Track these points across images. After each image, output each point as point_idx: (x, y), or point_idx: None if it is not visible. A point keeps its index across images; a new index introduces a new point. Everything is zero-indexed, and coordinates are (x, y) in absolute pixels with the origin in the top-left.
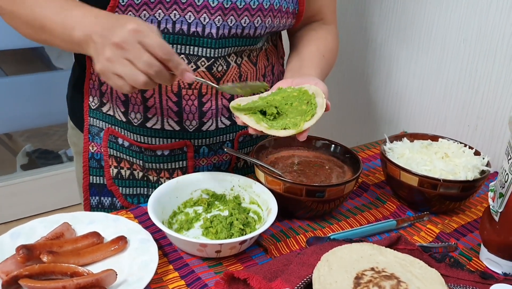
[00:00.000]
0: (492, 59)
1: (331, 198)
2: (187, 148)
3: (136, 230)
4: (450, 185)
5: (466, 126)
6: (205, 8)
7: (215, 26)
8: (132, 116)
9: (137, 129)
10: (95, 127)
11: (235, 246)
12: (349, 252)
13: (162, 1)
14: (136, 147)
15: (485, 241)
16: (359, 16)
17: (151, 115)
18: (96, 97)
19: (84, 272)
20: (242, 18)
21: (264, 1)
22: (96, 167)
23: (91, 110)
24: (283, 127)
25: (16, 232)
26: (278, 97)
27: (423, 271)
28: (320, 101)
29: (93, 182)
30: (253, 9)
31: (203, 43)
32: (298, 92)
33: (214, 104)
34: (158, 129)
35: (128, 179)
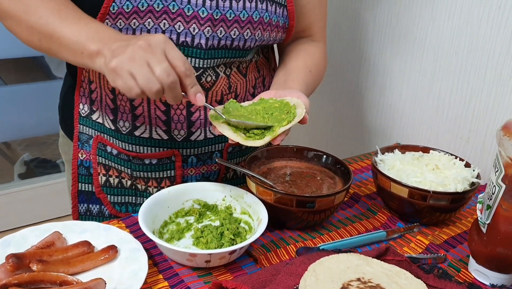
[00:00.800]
0: (483, 72)
1: (322, 209)
2: (175, 157)
3: (127, 240)
4: (439, 196)
5: (459, 139)
6: (195, 18)
7: (205, 36)
8: (120, 125)
9: (126, 138)
10: (84, 134)
11: (224, 256)
12: (336, 262)
13: (152, 11)
14: (124, 155)
15: (473, 253)
16: (353, 30)
17: (140, 124)
18: (86, 105)
19: (73, 280)
20: (231, 30)
21: (254, 14)
22: (85, 174)
23: (81, 118)
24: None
25: (7, 240)
26: (259, 107)
27: (408, 282)
28: (299, 112)
29: (81, 189)
30: (242, 21)
31: (192, 53)
32: (280, 103)
33: (203, 114)
34: (146, 138)
35: (117, 187)
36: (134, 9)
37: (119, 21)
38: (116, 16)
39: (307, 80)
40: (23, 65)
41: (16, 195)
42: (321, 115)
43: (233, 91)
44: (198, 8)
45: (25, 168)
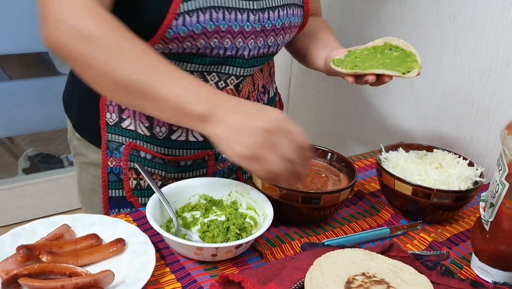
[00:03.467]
0: (487, 72)
1: (326, 205)
2: (208, 156)
3: (135, 233)
4: (443, 194)
5: (462, 138)
6: (241, 33)
7: (248, 48)
8: (157, 130)
9: (162, 143)
10: (114, 142)
11: (230, 250)
12: (341, 257)
13: (205, 32)
14: (159, 159)
15: (476, 250)
16: (358, 31)
17: (176, 128)
18: (114, 114)
19: (82, 272)
20: (268, 38)
21: (285, 21)
22: (115, 180)
23: (109, 127)
24: (406, 71)
25: (17, 232)
26: (353, 57)
27: (412, 277)
28: (401, 42)
29: (112, 196)
30: (278, 29)
31: (235, 63)
32: (369, 50)
33: None
34: (182, 141)
35: (147, 189)
36: (189, 33)
37: (172, 44)
38: (171, 41)
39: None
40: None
41: (20, 190)
42: (325, 114)
43: (256, 88)
44: (243, 23)
45: (29, 163)
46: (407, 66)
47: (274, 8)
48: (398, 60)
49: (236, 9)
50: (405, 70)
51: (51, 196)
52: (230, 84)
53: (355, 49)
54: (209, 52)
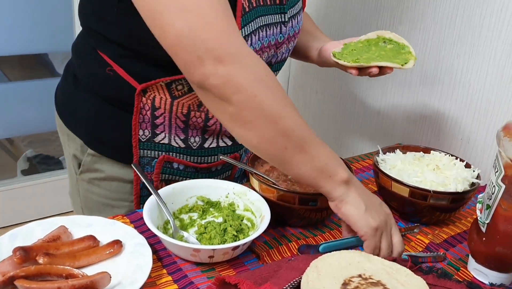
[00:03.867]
0: (484, 74)
1: (324, 207)
2: (235, 159)
3: (132, 234)
4: (440, 196)
5: (459, 140)
6: (275, 45)
7: (276, 57)
8: (191, 141)
9: (196, 152)
10: (145, 158)
11: (227, 252)
12: (338, 259)
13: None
14: (191, 168)
15: (473, 252)
16: (356, 32)
17: (208, 136)
18: (147, 130)
19: (79, 274)
20: (290, 44)
21: (300, 26)
22: (146, 195)
23: (141, 143)
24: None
25: (14, 233)
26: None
27: (409, 279)
28: (393, 35)
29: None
30: (297, 34)
31: None
32: (362, 42)
33: None
34: (214, 147)
35: None
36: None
37: None
38: None
39: None
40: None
41: (19, 191)
42: (323, 115)
43: None
44: (278, 36)
45: (28, 164)
46: (403, 58)
47: (294, 16)
48: (393, 52)
49: (274, 23)
50: (402, 62)
51: (50, 197)
52: None
53: (350, 42)
54: None
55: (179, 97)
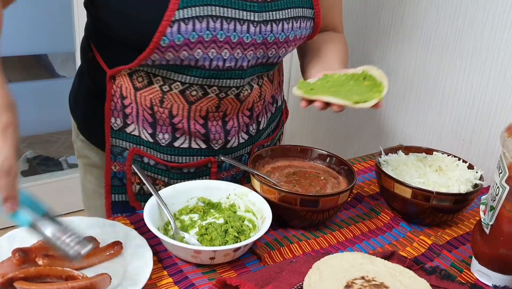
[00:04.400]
0: (486, 75)
1: (325, 208)
2: (211, 164)
3: (132, 236)
4: (442, 197)
5: (461, 141)
6: (239, 44)
7: (247, 60)
8: (160, 137)
9: (165, 149)
10: (117, 147)
11: (229, 253)
12: (340, 261)
13: (202, 41)
14: (162, 165)
15: (476, 253)
16: (357, 32)
17: (179, 135)
18: (118, 118)
19: (78, 275)
20: (269, 50)
21: (290, 34)
22: (118, 185)
23: (113, 132)
24: (363, 101)
25: (13, 235)
26: (327, 82)
27: (412, 281)
28: (377, 73)
29: (115, 200)
30: (280, 42)
31: (234, 75)
32: (346, 76)
33: (236, 122)
34: (185, 148)
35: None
36: (185, 41)
37: (168, 53)
38: (166, 49)
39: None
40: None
41: None
42: (324, 116)
43: (263, 98)
44: (243, 34)
45: (28, 165)
46: (367, 96)
47: (277, 21)
48: (365, 89)
49: (236, 19)
50: (361, 100)
51: (50, 198)
52: (231, 94)
53: (332, 74)
54: (208, 65)
55: (141, 89)
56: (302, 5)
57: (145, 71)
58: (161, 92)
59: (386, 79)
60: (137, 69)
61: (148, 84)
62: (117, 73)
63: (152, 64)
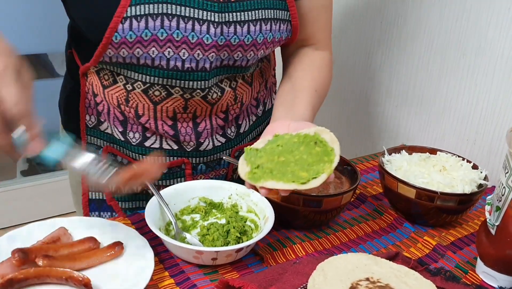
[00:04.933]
0: (491, 74)
1: (328, 208)
2: (185, 165)
3: (133, 236)
4: (447, 197)
5: (465, 141)
6: (199, 45)
7: (209, 61)
8: (130, 136)
9: (136, 148)
10: (93, 145)
11: (231, 254)
12: (345, 262)
13: (156, 40)
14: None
15: (482, 255)
16: (360, 31)
17: (150, 135)
18: (93, 116)
19: (79, 276)
20: (235, 53)
21: (258, 37)
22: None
23: (88, 129)
24: (312, 177)
25: (13, 235)
26: (278, 146)
27: (418, 283)
28: (328, 137)
29: (92, 198)
30: (247, 45)
31: (197, 77)
32: (298, 137)
33: (209, 124)
34: (156, 148)
35: (127, 194)
36: (138, 39)
37: (122, 50)
38: (119, 45)
39: (313, 102)
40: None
41: (18, 192)
42: (326, 115)
43: (239, 101)
44: (202, 35)
45: (28, 165)
46: (316, 169)
47: (242, 23)
48: (315, 158)
49: (194, 19)
50: (310, 176)
51: (50, 198)
52: (196, 96)
53: (284, 135)
54: (165, 64)
55: (108, 87)
56: (274, 6)
57: (109, 69)
58: (125, 91)
59: (337, 145)
60: (102, 67)
61: (113, 82)
62: (87, 70)
63: (110, 62)
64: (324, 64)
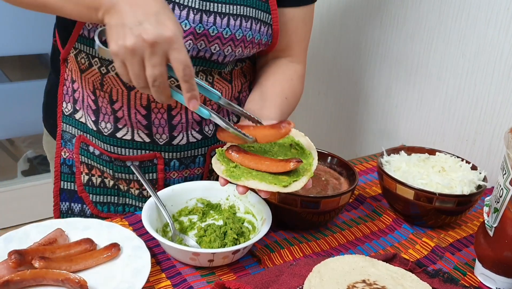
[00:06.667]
0: (490, 74)
1: (326, 210)
2: (157, 160)
3: (130, 237)
4: (445, 199)
5: (465, 141)
6: (192, 34)
7: (196, 49)
8: (102, 126)
9: (107, 139)
10: (67, 133)
11: (228, 256)
12: (341, 264)
13: None
14: (106, 156)
15: (480, 256)
16: (360, 31)
17: (122, 126)
18: (69, 103)
19: (75, 278)
20: (212, 45)
21: (237, 32)
22: (67, 172)
23: (64, 116)
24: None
25: (10, 236)
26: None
27: (414, 285)
28: (305, 141)
29: (64, 188)
30: (224, 38)
31: None
32: None
33: (184, 118)
34: (128, 140)
35: (99, 187)
36: None
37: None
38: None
39: (282, 107)
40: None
41: (19, 192)
42: (325, 116)
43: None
44: (181, 20)
45: (28, 165)
46: (295, 173)
47: (222, 15)
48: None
49: (175, 2)
50: (290, 180)
51: (50, 198)
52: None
53: None
54: None
55: (84, 71)
56: (257, 6)
57: (85, 52)
58: (100, 74)
59: (315, 150)
60: (80, 50)
61: (89, 66)
62: (67, 55)
63: (88, 37)
64: (296, 77)
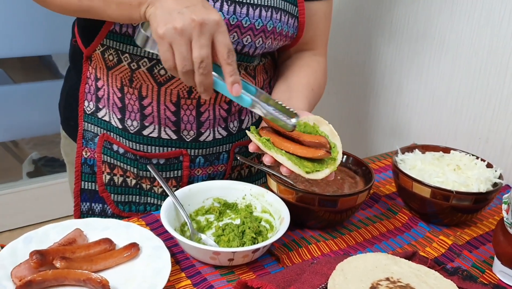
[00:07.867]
0: (504, 72)
1: (344, 208)
2: (183, 157)
3: (149, 237)
4: (462, 197)
5: (477, 139)
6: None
7: None
8: (128, 124)
9: (133, 137)
10: (89, 132)
11: (248, 255)
12: (364, 262)
13: None
14: (131, 154)
15: (499, 254)
16: (370, 30)
17: (148, 124)
18: (92, 102)
19: (97, 278)
20: (244, 37)
21: (268, 23)
22: (88, 172)
23: (86, 115)
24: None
25: (29, 236)
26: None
27: (438, 282)
28: (327, 129)
29: (84, 188)
30: (256, 30)
31: None
32: (298, 125)
33: (212, 114)
34: (154, 137)
35: (121, 186)
36: None
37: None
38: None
39: (310, 99)
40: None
41: (24, 194)
42: (336, 115)
43: None
44: (233, 16)
45: (33, 167)
46: (320, 162)
47: (255, 6)
48: None
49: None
50: (314, 168)
51: (55, 199)
52: None
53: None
54: None
55: (112, 68)
56: None
57: (114, 48)
58: (130, 70)
59: (338, 140)
60: (108, 46)
61: (117, 62)
62: (92, 52)
63: (119, 33)
64: (320, 69)
